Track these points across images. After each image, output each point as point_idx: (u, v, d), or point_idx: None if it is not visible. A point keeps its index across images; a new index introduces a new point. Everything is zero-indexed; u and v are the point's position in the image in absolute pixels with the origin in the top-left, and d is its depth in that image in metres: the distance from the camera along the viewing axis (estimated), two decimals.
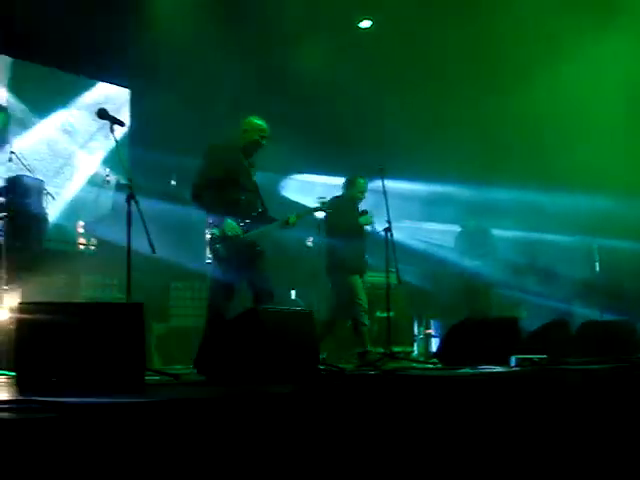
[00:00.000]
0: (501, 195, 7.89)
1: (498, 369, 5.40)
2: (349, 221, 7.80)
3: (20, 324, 4.34)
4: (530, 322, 7.53)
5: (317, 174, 11.01)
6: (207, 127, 9.71)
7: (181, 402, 2.68)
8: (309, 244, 10.13)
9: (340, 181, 8.28)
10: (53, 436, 2.21)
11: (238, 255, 6.08)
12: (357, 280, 7.76)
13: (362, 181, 7.99)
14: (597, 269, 9.22)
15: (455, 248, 9.71)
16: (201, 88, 9.76)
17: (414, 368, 6.41)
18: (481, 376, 4.72)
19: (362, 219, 7.78)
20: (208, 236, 6.38)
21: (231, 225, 6.08)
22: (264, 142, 6.42)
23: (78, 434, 2.24)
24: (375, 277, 9.65)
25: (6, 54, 9.35)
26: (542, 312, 8.62)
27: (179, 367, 7.55)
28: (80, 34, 9.01)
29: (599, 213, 8.41)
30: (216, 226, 6.16)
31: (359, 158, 9.26)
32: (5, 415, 2.38)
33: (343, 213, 7.77)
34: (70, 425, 2.27)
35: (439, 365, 6.58)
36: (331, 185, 8.52)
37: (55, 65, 9.73)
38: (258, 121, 6.46)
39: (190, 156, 8.55)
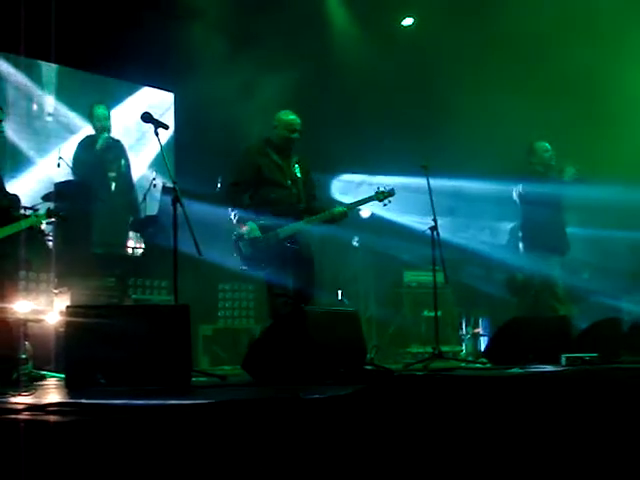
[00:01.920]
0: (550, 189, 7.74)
1: (549, 368, 5.32)
2: None
3: (69, 327, 4.39)
4: (581, 319, 7.39)
5: (361, 173, 10.97)
6: (251, 128, 9.76)
7: (228, 404, 2.67)
8: (355, 244, 10.09)
9: (385, 180, 8.22)
10: (102, 439, 2.22)
11: (262, 253, 6.06)
12: None
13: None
14: None
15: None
16: (244, 89, 9.76)
17: (463, 368, 6.34)
18: (532, 376, 4.64)
19: None
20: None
21: (250, 227, 6.10)
22: (295, 136, 6.30)
23: (126, 437, 2.24)
24: (422, 276, 9.58)
25: (52, 62, 9.49)
26: (593, 309, 8.45)
27: (227, 368, 7.59)
28: (123, 39, 9.09)
29: None
30: (240, 226, 6.15)
31: (404, 155, 9.18)
32: (55, 418, 2.39)
33: None
34: (118, 427, 2.28)
35: (488, 365, 6.50)
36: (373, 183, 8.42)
37: (99, 71, 9.85)
38: (285, 116, 6.36)
39: (231, 157, 8.60)
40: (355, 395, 2.80)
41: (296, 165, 6.37)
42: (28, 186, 8.71)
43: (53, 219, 6.61)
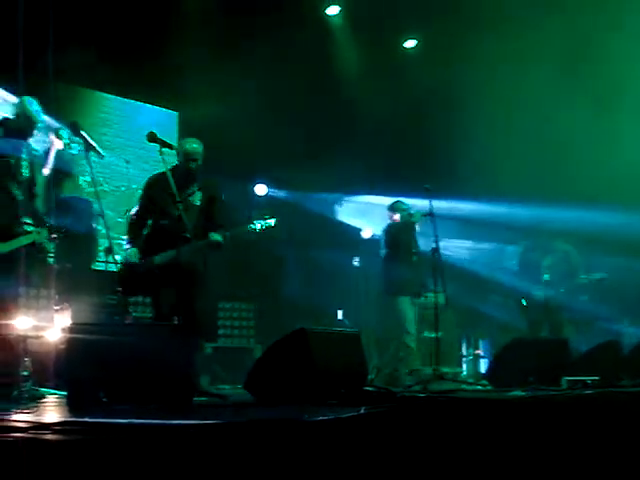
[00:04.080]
0: (552, 213, 7.78)
1: (550, 391, 5.31)
2: None
3: (72, 344, 4.39)
4: (582, 342, 7.40)
5: (371, 195, 11.03)
6: (254, 148, 9.80)
7: (234, 425, 2.67)
8: (356, 264, 10.11)
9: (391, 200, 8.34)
10: (107, 458, 2.21)
11: (138, 279, 6.09)
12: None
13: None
14: None
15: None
16: (248, 111, 9.80)
17: (464, 390, 6.33)
18: (534, 399, 4.64)
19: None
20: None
21: (131, 252, 6.13)
22: (192, 165, 6.12)
23: (132, 456, 2.24)
24: (423, 297, 9.58)
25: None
26: (592, 331, 8.46)
27: (226, 387, 7.57)
28: (129, 58, 9.13)
29: None
30: (125, 251, 6.24)
31: (411, 178, 9.24)
32: (60, 437, 2.39)
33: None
34: (123, 447, 2.28)
35: (489, 387, 6.49)
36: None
37: (104, 89, 9.88)
38: (186, 145, 6.21)
39: (237, 178, 8.63)
40: (359, 417, 2.81)
41: (198, 193, 6.21)
42: None
43: (55, 235, 6.60)
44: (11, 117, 6.03)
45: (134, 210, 6.47)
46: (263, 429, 2.64)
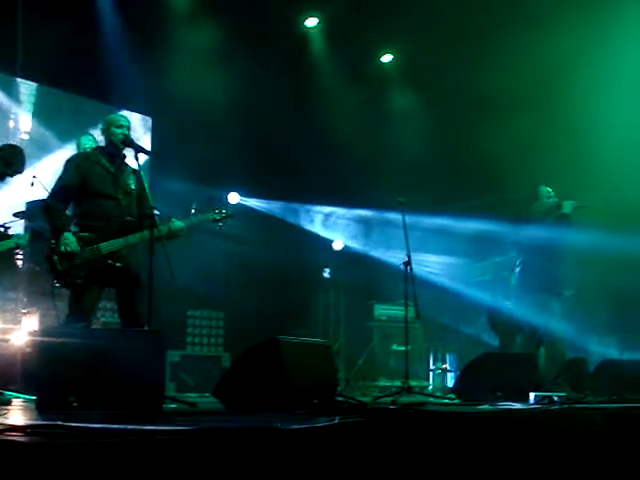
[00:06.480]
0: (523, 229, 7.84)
1: (517, 406, 5.36)
2: None
3: (41, 348, 4.35)
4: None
5: (341, 207, 11.07)
6: (227, 156, 9.80)
7: (207, 432, 2.67)
8: (326, 275, 10.14)
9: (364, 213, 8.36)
10: (74, 461, 2.21)
11: (80, 270, 5.49)
12: None
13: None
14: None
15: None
16: (218, 117, 9.81)
17: (432, 403, 6.37)
18: (500, 413, 4.68)
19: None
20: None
21: (68, 239, 5.48)
22: (124, 132, 5.71)
23: (104, 461, 2.24)
24: (392, 310, 9.64)
25: (31, 80, 9.46)
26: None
27: (193, 395, 7.54)
28: (103, 61, 9.11)
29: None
30: (55, 237, 5.53)
31: (383, 190, 9.29)
32: (27, 439, 2.37)
33: None
34: (98, 451, 2.27)
35: (456, 400, 6.53)
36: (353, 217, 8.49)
37: (78, 91, 9.84)
38: (112, 115, 5.96)
39: (210, 184, 8.62)
40: (333, 427, 2.82)
41: (131, 176, 5.86)
42: None
43: (35, 240, 6.52)
44: None
45: (54, 189, 5.81)
46: (236, 436, 2.64)
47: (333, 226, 11.19)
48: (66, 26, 8.68)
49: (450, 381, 9.71)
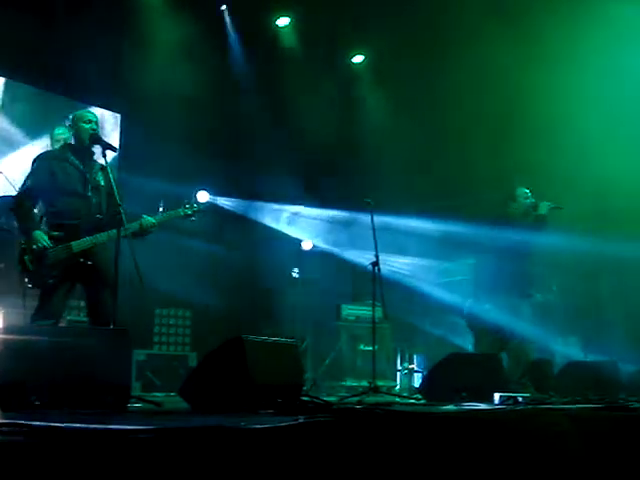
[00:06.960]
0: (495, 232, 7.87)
1: (482, 407, 5.38)
2: None
3: (4, 346, 4.30)
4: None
5: (310, 207, 11.06)
6: (196, 154, 9.76)
7: (171, 431, 2.66)
8: (295, 275, 10.13)
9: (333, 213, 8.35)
10: (32, 460, 2.19)
11: (50, 269, 5.48)
12: None
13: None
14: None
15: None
16: (187, 114, 9.77)
17: (398, 403, 6.39)
18: (464, 413, 4.70)
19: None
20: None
21: (39, 236, 5.49)
22: (92, 127, 5.72)
23: (68, 460, 2.22)
24: (360, 310, 9.66)
25: None
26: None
27: (159, 394, 7.49)
28: (72, 57, 9.02)
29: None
30: (26, 237, 5.54)
31: (352, 190, 9.31)
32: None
33: None
34: (52, 450, 2.25)
35: (422, 401, 6.56)
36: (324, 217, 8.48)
37: (46, 87, 9.73)
38: (80, 112, 5.92)
39: (179, 182, 8.58)
40: (297, 427, 2.81)
41: (99, 172, 5.85)
42: None
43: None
44: None
45: (23, 188, 5.80)
46: (200, 435, 2.63)
47: (302, 226, 11.19)
48: (34, 21, 8.60)
49: (417, 381, 9.75)
